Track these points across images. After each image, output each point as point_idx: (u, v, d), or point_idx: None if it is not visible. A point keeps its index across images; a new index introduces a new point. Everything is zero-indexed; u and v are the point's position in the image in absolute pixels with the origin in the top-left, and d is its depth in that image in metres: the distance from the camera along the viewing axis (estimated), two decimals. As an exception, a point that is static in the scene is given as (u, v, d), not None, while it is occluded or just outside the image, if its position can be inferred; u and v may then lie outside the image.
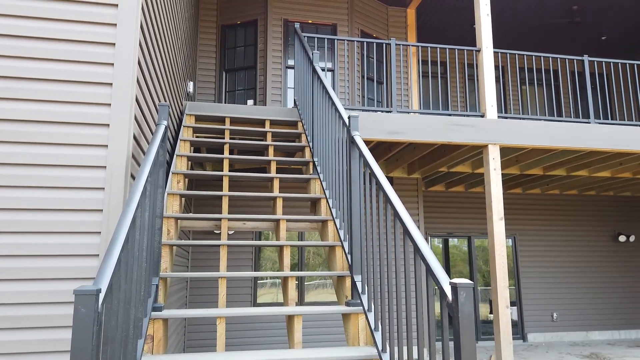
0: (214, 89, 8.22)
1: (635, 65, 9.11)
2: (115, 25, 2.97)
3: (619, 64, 7.44)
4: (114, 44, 2.98)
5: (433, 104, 10.83)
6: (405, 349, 8.60)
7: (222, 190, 6.06)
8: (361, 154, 3.31)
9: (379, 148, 7.74)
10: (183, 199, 4.60)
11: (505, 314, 6.26)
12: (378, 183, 2.93)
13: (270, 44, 8.11)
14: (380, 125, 6.44)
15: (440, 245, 10.41)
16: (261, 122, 5.92)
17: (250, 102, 8.13)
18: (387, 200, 2.78)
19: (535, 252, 10.57)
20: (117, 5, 2.98)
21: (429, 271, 2.22)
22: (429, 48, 6.91)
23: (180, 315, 3.08)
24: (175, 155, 4.75)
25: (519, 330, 10.16)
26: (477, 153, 7.46)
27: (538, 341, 10.09)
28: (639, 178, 9.30)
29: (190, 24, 7.03)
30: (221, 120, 5.79)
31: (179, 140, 5.02)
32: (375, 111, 6.68)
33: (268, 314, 3.18)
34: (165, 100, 4.67)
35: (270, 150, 5.28)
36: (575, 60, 6.98)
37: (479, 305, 10.08)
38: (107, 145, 2.92)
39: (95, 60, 2.96)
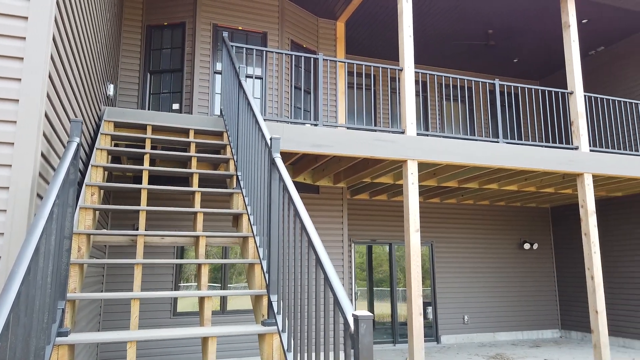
0: (137, 90, 7.93)
1: (540, 90, 9.92)
2: (24, 38, 2.82)
3: (526, 88, 8.11)
4: (22, 59, 2.83)
5: (359, 115, 11.16)
6: None
7: (141, 203, 5.89)
8: (281, 178, 3.38)
9: (306, 158, 7.87)
10: (97, 212, 4.43)
11: (418, 321, 6.62)
12: (295, 210, 3.02)
13: (199, 48, 7.97)
14: (306, 138, 6.56)
15: (365, 252, 10.75)
16: (185, 132, 5.81)
17: (175, 105, 7.94)
18: (303, 227, 2.87)
19: (450, 258, 11.22)
20: (27, 17, 2.83)
21: (336, 302, 2.34)
22: (356, 64, 7.13)
23: (88, 340, 2.99)
24: (90, 166, 4.55)
25: (433, 332, 10.74)
26: (398, 166, 7.80)
27: (450, 343, 10.73)
28: (542, 192, 10.18)
29: (113, 23, 6.75)
30: (143, 128, 5.62)
31: (95, 149, 4.82)
32: (303, 123, 6.79)
33: (182, 336, 3.16)
34: (81, 108, 4.47)
35: (194, 162, 5.21)
36: (487, 83, 7.52)
37: (397, 306, 10.52)
38: (11, 165, 2.76)
39: (1, 75, 2.79)
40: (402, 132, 7.11)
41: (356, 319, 2.13)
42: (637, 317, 9.97)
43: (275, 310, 3.39)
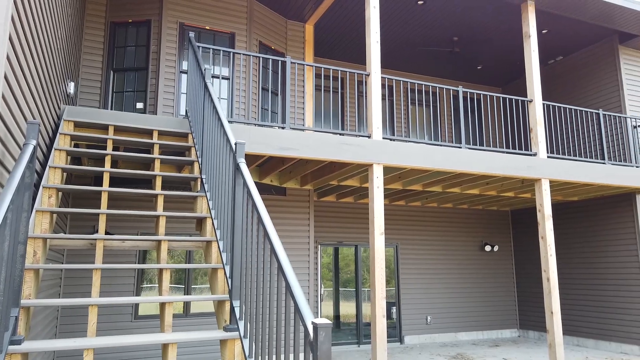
0: (99, 88, 7.73)
1: (501, 97, 10.20)
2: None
3: (488, 95, 8.35)
4: (-26, 57, 2.72)
5: (327, 118, 11.22)
6: None
7: (101, 206, 5.74)
8: (245, 184, 3.38)
9: (273, 160, 7.86)
10: (55, 215, 4.30)
11: (382, 322, 6.72)
12: (259, 217, 3.02)
13: (165, 46, 7.84)
14: (273, 140, 6.56)
15: (331, 254, 10.82)
16: (149, 133, 5.71)
17: (139, 105, 7.78)
18: (266, 235, 2.88)
19: (415, 259, 11.43)
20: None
21: (297, 309, 2.37)
22: (323, 68, 7.17)
23: (43, 349, 2.91)
24: (48, 167, 4.42)
25: (397, 332, 10.91)
26: (364, 170, 7.89)
27: (414, 343, 10.92)
28: (502, 196, 10.49)
29: (75, 19, 6.56)
30: (104, 128, 5.49)
31: (53, 149, 4.68)
32: (270, 126, 6.78)
33: (141, 343, 3.12)
34: (39, 108, 4.33)
35: (157, 164, 5.13)
36: (451, 90, 7.71)
37: (362, 307, 10.63)
38: (-40, 168, 2.66)
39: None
40: (368, 137, 7.20)
41: (315, 327, 2.16)
42: (590, 317, 10.41)
43: (238, 316, 3.38)
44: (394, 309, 11.00)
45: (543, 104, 10.74)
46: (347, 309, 10.66)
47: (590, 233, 10.62)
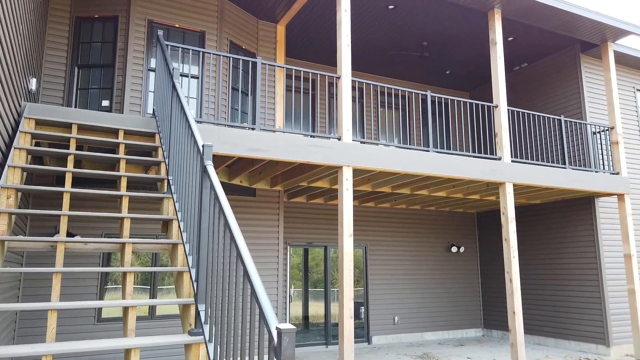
0: (63, 85, 7.51)
1: (468, 102, 10.41)
2: None
3: (455, 100, 8.53)
4: None
5: (298, 119, 11.22)
6: None
7: (63, 207, 5.59)
8: (212, 187, 3.35)
9: (243, 161, 7.81)
10: (14, 216, 4.16)
11: (349, 323, 6.77)
12: (226, 220, 3.00)
13: (132, 43, 7.68)
14: (243, 141, 6.52)
15: (301, 255, 10.82)
16: (114, 132, 5.59)
17: (105, 102, 7.60)
18: (232, 239, 2.87)
19: (383, 260, 11.56)
20: None
21: (261, 315, 2.37)
22: (294, 70, 7.18)
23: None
24: (7, 166, 4.27)
25: (365, 333, 11.01)
26: (334, 172, 7.93)
27: (381, 343, 11.04)
28: (468, 198, 10.73)
29: (38, 12, 6.36)
30: (68, 126, 5.34)
31: (12, 148, 4.52)
32: (240, 127, 6.73)
33: (102, 349, 3.05)
34: (-2, 105, 4.18)
35: (122, 164, 5.03)
36: (420, 94, 7.84)
37: (330, 308, 10.68)
38: None
39: None
40: (339, 139, 7.24)
41: (279, 332, 2.16)
42: (551, 316, 10.76)
43: (203, 320, 3.35)
44: (362, 309, 11.10)
45: (508, 110, 11.04)
46: (317, 309, 10.69)
47: (552, 235, 10.98)
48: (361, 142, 9.98)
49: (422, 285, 11.90)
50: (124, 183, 4.76)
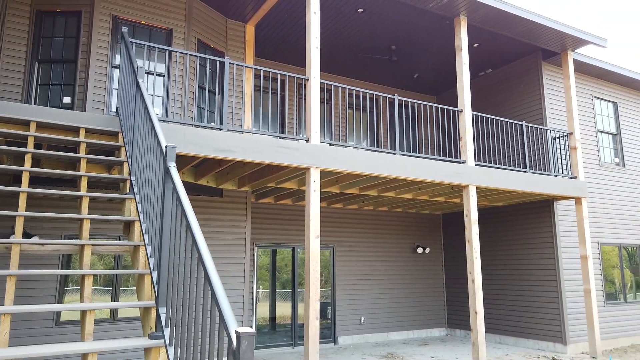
0: (22, 80, 7.26)
1: (434, 107, 10.61)
2: None
3: (422, 104, 8.68)
4: None
5: (267, 120, 11.18)
6: None
7: (19, 207, 5.40)
8: (175, 189, 3.31)
9: (210, 161, 7.73)
10: (-35, 217, 4.00)
11: (314, 325, 6.79)
12: (188, 224, 2.97)
13: (96, 39, 7.49)
14: (209, 141, 6.46)
15: (269, 255, 10.79)
16: (76, 130, 5.45)
17: (67, 99, 7.39)
18: (194, 242, 2.84)
19: (351, 261, 11.65)
20: None
21: (221, 318, 2.36)
22: (262, 70, 7.15)
23: (-55, 363, 2.71)
24: (-42, 165, 4.10)
25: (331, 333, 11.07)
26: (302, 173, 7.94)
27: (347, 343, 11.13)
28: (434, 200, 10.93)
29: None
30: (26, 124, 5.17)
31: (-34, 146, 4.35)
32: (207, 127, 6.66)
33: (57, 354, 2.97)
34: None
35: (83, 164, 4.90)
36: (387, 97, 7.94)
37: (297, 308, 10.69)
38: None
39: None
40: (307, 140, 7.26)
41: (238, 335, 2.16)
42: (512, 316, 11.08)
43: (164, 323, 3.31)
44: (329, 310, 11.16)
45: (472, 114, 11.29)
46: (284, 310, 10.68)
47: (513, 236, 11.30)
48: (330, 144, 10.03)
49: (389, 286, 12.05)
50: (84, 183, 4.64)
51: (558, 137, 10.64)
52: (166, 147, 3.58)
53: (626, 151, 12.44)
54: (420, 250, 12.49)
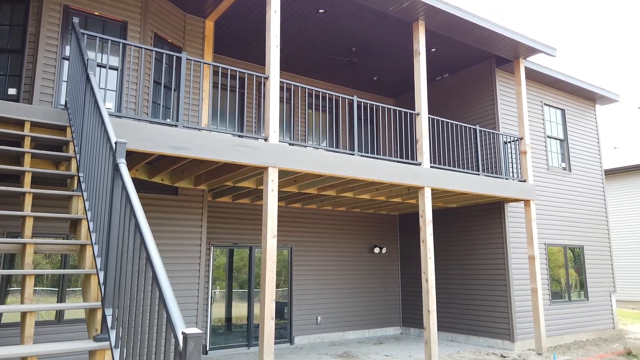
0: (-37, 69, 6.85)
1: (392, 109, 10.77)
2: None
3: (380, 106, 8.79)
4: None
5: (225, 117, 11.03)
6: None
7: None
8: (124, 187, 3.21)
9: (164, 159, 7.54)
10: None
11: (270, 325, 6.75)
12: (137, 223, 2.88)
13: (45, 29, 7.16)
14: (164, 138, 6.30)
15: (226, 256, 10.64)
16: (20, 123, 5.19)
17: (12, 90, 7.03)
18: (143, 242, 2.76)
19: (308, 261, 11.66)
20: None
21: (169, 319, 2.31)
22: (221, 67, 7.05)
23: None
24: None
25: (288, 333, 11.04)
26: (260, 172, 7.88)
27: (303, 343, 11.13)
28: (391, 201, 11.10)
29: None
30: (-36, 115, 4.88)
31: None
32: (162, 123, 6.49)
33: (-7, 359, 2.82)
34: None
35: (27, 159, 4.68)
36: (347, 99, 8.00)
37: (253, 309, 10.60)
38: None
39: None
40: (265, 139, 7.21)
41: (185, 337, 2.12)
42: (463, 314, 11.40)
43: (110, 325, 3.20)
44: (286, 310, 11.12)
45: (429, 118, 11.54)
46: (241, 310, 10.56)
47: (466, 237, 11.64)
48: (289, 144, 9.99)
49: (345, 285, 12.14)
50: (27, 179, 4.42)
51: (509, 142, 11.02)
52: (116, 142, 3.47)
53: (572, 156, 13.06)
54: (377, 250, 12.65)
